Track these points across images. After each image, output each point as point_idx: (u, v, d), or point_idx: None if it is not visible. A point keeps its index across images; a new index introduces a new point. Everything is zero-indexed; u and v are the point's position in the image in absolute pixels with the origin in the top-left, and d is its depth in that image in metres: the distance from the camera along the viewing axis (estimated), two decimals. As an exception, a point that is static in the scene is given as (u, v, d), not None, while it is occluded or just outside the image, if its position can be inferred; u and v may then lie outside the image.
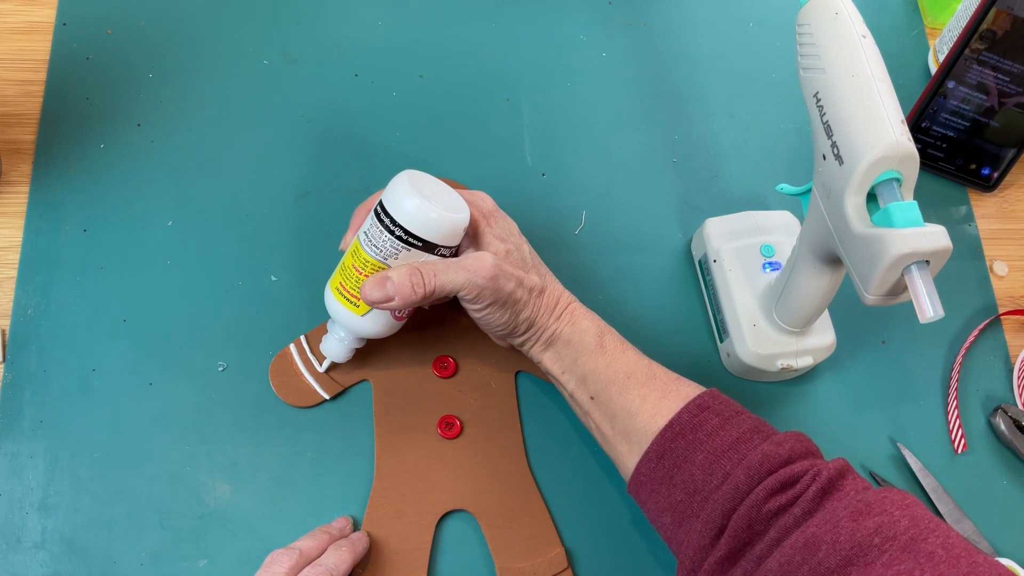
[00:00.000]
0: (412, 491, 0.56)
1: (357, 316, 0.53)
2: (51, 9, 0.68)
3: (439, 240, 0.51)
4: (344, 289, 0.53)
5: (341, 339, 0.56)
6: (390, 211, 0.51)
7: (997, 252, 0.70)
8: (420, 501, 0.56)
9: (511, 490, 0.57)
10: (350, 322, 0.54)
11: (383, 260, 0.51)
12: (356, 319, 0.54)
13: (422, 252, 0.51)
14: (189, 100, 0.66)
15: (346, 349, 0.56)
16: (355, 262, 0.52)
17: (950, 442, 0.63)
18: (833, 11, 0.47)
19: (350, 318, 0.54)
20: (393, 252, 0.51)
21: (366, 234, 0.52)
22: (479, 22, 0.73)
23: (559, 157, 0.68)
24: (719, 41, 0.75)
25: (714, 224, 0.63)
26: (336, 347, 0.56)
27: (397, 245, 0.51)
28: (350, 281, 0.53)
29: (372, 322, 0.54)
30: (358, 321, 0.54)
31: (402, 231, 0.50)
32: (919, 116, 0.70)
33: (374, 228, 0.51)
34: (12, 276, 0.59)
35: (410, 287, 0.50)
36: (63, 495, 0.54)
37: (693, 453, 0.48)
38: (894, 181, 0.45)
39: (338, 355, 0.57)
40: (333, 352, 0.57)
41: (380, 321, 0.54)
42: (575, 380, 0.54)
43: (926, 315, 0.42)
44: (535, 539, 0.56)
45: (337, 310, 0.54)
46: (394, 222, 0.50)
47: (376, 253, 0.51)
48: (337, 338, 0.56)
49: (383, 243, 0.51)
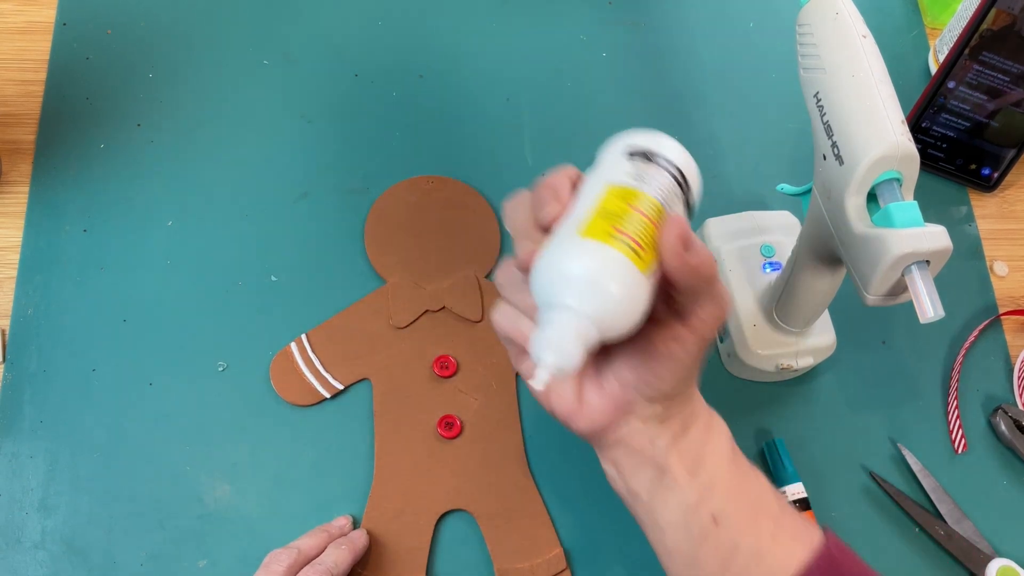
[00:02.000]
0: (412, 490, 0.56)
1: (639, 273, 0.35)
2: (51, 9, 0.68)
3: (696, 195, 0.41)
4: (623, 234, 0.35)
5: (580, 331, 0.34)
6: (659, 151, 0.40)
7: (997, 252, 0.70)
8: (419, 501, 0.56)
9: (511, 490, 0.57)
10: (622, 285, 0.34)
11: (668, 208, 0.38)
12: (634, 279, 0.35)
13: (683, 207, 0.40)
14: (189, 100, 0.66)
15: (583, 345, 0.34)
16: (637, 204, 0.36)
17: (950, 442, 0.63)
18: (833, 11, 0.47)
19: (627, 276, 0.34)
20: (672, 199, 0.38)
21: (639, 174, 0.38)
22: (479, 22, 0.73)
23: (559, 157, 0.68)
24: (719, 41, 0.75)
25: (714, 224, 0.63)
26: (571, 343, 0.34)
27: (676, 191, 0.39)
28: (633, 226, 0.36)
29: (643, 292, 0.35)
30: (633, 284, 0.35)
31: (679, 173, 0.39)
32: (919, 116, 0.70)
33: (649, 169, 0.39)
34: (12, 276, 0.59)
35: (707, 254, 0.36)
36: (63, 495, 0.54)
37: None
38: (894, 181, 0.45)
39: (572, 356, 0.34)
40: (566, 351, 0.34)
41: (647, 297, 0.36)
42: (700, 488, 0.40)
43: (926, 315, 0.42)
44: (534, 539, 0.56)
45: (602, 266, 0.34)
46: (670, 162, 0.39)
47: (661, 196, 0.38)
48: (573, 329, 0.34)
49: (664, 185, 0.38)
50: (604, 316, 0.35)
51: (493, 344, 0.60)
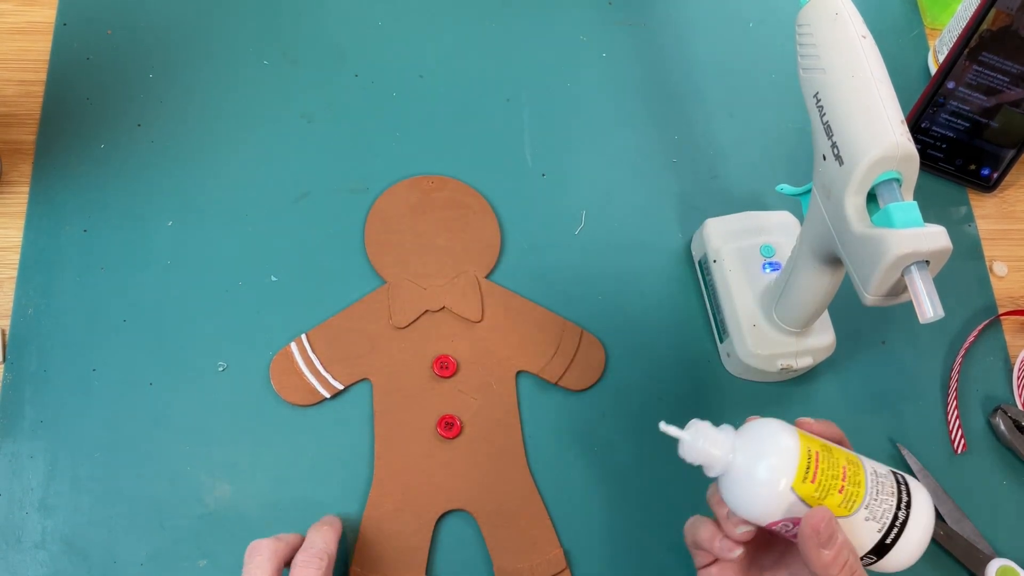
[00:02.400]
0: (411, 490, 0.56)
1: (783, 483, 0.42)
2: (51, 9, 0.68)
3: (895, 567, 0.44)
4: (816, 465, 0.42)
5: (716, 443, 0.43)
6: (916, 496, 0.43)
7: (997, 252, 0.70)
8: (419, 500, 0.56)
9: (510, 490, 0.57)
10: (762, 476, 0.42)
11: (864, 504, 0.42)
12: (780, 483, 0.42)
13: (868, 554, 0.43)
14: (189, 100, 0.66)
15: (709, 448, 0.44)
16: (848, 466, 0.43)
17: (950, 442, 0.63)
18: (833, 11, 0.47)
19: (775, 478, 0.42)
20: (875, 517, 0.43)
21: (875, 482, 0.43)
22: (479, 22, 0.73)
23: (559, 157, 0.69)
24: (719, 41, 0.75)
25: (714, 224, 0.63)
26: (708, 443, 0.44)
27: (889, 514, 0.43)
28: (828, 469, 0.43)
29: (764, 496, 0.42)
30: (773, 482, 0.42)
31: (903, 521, 0.43)
32: (919, 116, 0.70)
33: (884, 488, 0.43)
34: (12, 276, 0.59)
35: (841, 558, 0.41)
36: (63, 495, 0.54)
37: None
38: (894, 181, 0.45)
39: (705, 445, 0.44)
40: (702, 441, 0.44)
41: (768, 508, 0.43)
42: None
43: (926, 315, 0.42)
44: (533, 539, 0.56)
45: (777, 456, 0.42)
46: (909, 506, 0.43)
47: (869, 494, 0.43)
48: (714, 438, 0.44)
49: (883, 503, 0.43)
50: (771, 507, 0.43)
51: (493, 344, 0.60)
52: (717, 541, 0.45)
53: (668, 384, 0.62)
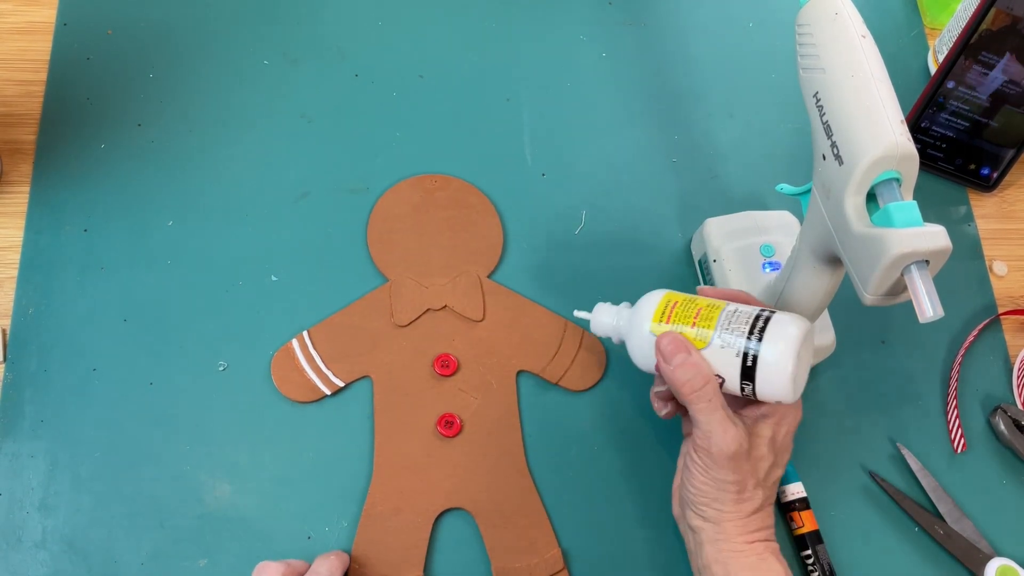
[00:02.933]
0: (410, 489, 0.56)
1: (646, 327, 0.52)
2: (51, 9, 0.68)
3: (777, 396, 0.49)
4: (672, 309, 0.51)
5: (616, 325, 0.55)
6: (775, 319, 0.49)
7: (996, 252, 0.70)
8: (418, 499, 0.56)
9: (509, 490, 0.57)
10: (636, 326, 0.52)
11: (716, 333, 0.49)
12: (644, 327, 0.52)
13: (742, 380, 0.49)
14: (189, 100, 0.66)
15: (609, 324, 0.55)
16: (704, 308, 0.51)
17: (950, 442, 0.63)
18: (833, 11, 0.47)
19: (643, 324, 0.52)
20: (726, 346, 0.49)
21: (729, 315, 0.50)
22: (479, 22, 0.73)
23: (559, 157, 0.69)
24: (719, 41, 0.75)
25: (714, 224, 0.63)
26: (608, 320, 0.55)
27: (742, 338, 0.48)
28: (684, 310, 0.51)
29: (642, 345, 0.52)
30: (641, 328, 0.52)
31: (759, 334, 0.48)
32: (919, 116, 0.70)
33: (739, 319, 0.49)
34: (13, 276, 0.59)
35: (684, 374, 0.48)
36: (63, 495, 0.54)
37: None
38: (894, 181, 0.45)
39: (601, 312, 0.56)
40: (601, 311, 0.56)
41: (646, 352, 0.52)
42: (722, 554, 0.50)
43: (926, 315, 0.42)
44: (532, 539, 0.56)
45: (646, 311, 0.52)
46: (764, 328, 0.48)
47: (721, 325, 0.49)
48: (615, 320, 0.55)
49: (735, 330, 0.49)
50: (622, 332, 0.55)
51: (494, 343, 0.60)
52: (655, 403, 0.54)
53: (668, 384, 0.62)
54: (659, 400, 0.54)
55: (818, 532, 0.58)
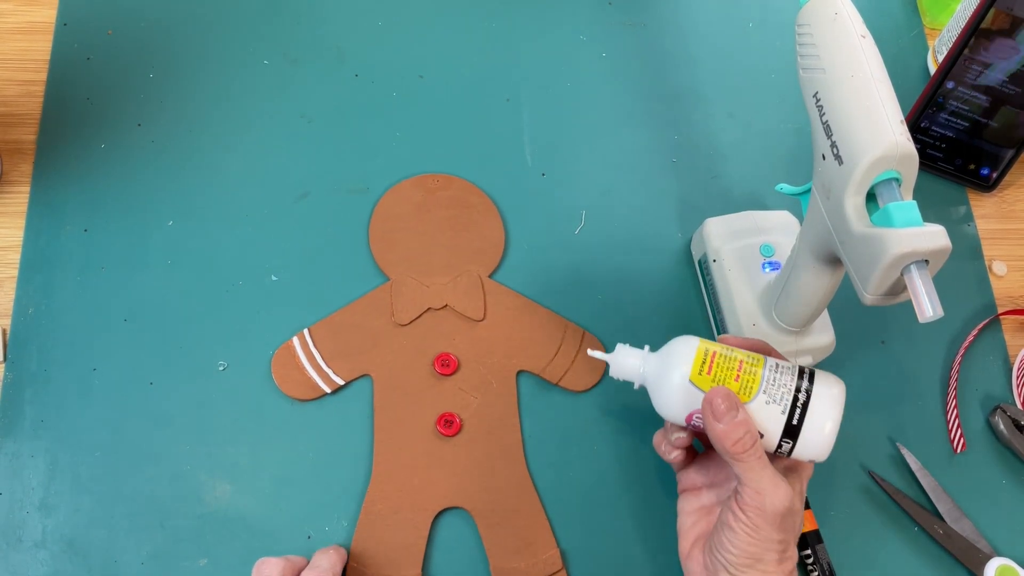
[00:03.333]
0: (409, 487, 0.56)
1: (683, 377, 0.49)
2: (51, 9, 0.68)
3: (812, 455, 0.48)
4: (712, 360, 0.49)
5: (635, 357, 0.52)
6: (819, 380, 0.48)
7: (996, 252, 0.70)
8: (417, 497, 0.56)
9: (508, 489, 0.57)
10: (667, 374, 0.49)
11: (762, 389, 0.48)
12: (678, 376, 0.49)
13: (783, 438, 0.48)
14: (189, 100, 0.66)
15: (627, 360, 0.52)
16: (745, 361, 0.49)
17: (949, 442, 0.63)
18: (833, 11, 0.47)
19: (676, 373, 0.49)
20: (772, 403, 0.47)
21: (773, 371, 0.48)
22: (479, 22, 0.73)
23: (559, 157, 0.69)
24: (719, 41, 0.75)
25: (714, 224, 0.63)
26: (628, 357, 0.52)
27: (789, 396, 0.47)
28: (725, 363, 0.49)
29: (674, 395, 0.49)
30: (672, 376, 0.49)
31: (805, 401, 0.47)
32: (918, 116, 0.70)
33: (784, 377, 0.48)
34: (13, 276, 0.59)
35: (736, 433, 0.46)
36: (63, 495, 0.54)
37: None
38: (893, 181, 0.45)
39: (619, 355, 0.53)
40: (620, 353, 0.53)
41: (678, 401, 0.49)
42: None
43: (925, 315, 0.42)
44: (530, 539, 0.56)
45: (680, 359, 0.49)
46: (811, 389, 0.47)
47: (766, 380, 0.48)
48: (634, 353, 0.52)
49: (781, 387, 0.48)
50: (647, 380, 0.52)
51: (494, 343, 0.60)
52: (663, 445, 0.53)
53: (668, 384, 0.62)
54: (669, 445, 0.52)
55: (818, 532, 0.58)
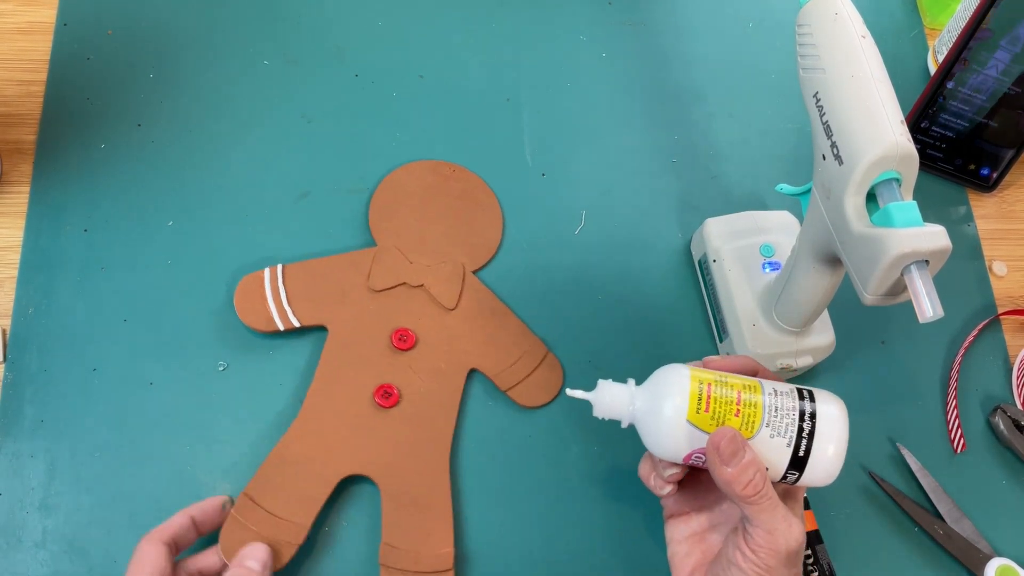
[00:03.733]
0: (328, 442, 0.56)
1: (677, 414, 0.45)
2: (51, 9, 0.68)
3: (818, 482, 0.46)
4: (709, 394, 0.45)
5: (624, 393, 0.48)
6: (821, 404, 0.46)
7: (996, 252, 0.70)
8: (332, 454, 0.55)
9: (424, 476, 0.56)
10: (660, 412, 0.46)
11: (764, 422, 0.45)
12: (673, 414, 0.45)
13: (789, 470, 0.45)
14: (189, 100, 0.66)
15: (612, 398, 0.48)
16: (743, 391, 0.45)
17: (949, 442, 0.63)
18: (833, 11, 0.47)
19: (670, 410, 0.45)
20: (776, 435, 0.45)
21: (774, 400, 0.46)
22: (479, 22, 0.73)
23: (559, 157, 0.69)
24: (719, 41, 0.75)
25: (714, 224, 0.63)
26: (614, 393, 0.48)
27: (793, 427, 0.45)
28: (723, 396, 0.45)
29: (670, 434, 0.46)
30: (666, 415, 0.45)
31: (810, 431, 0.45)
32: (918, 116, 0.70)
33: (785, 404, 0.45)
34: (13, 276, 0.59)
35: (745, 476, 0.43)
36: (63, 495, 0.54)
37: None
38: (894, 181, 0.45)
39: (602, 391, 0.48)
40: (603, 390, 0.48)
41: (675, 441, 0.46)
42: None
43: (926, 315, 0.42)
44: (429, 530, 0.54)
45: (673, 395, 0.46)
46: (814, 415, 0.45)
47: (768, 411, 0.45)
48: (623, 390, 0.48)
49: (784, 416, 0.45)
50: (636, 419, 0.47)
51: (457, 334, 0.60)
52: (652, 479, 0.49)
53: (668, 384, 0.62)
54: (660, 479, 0.49)
55: (818, 532, 0.58)
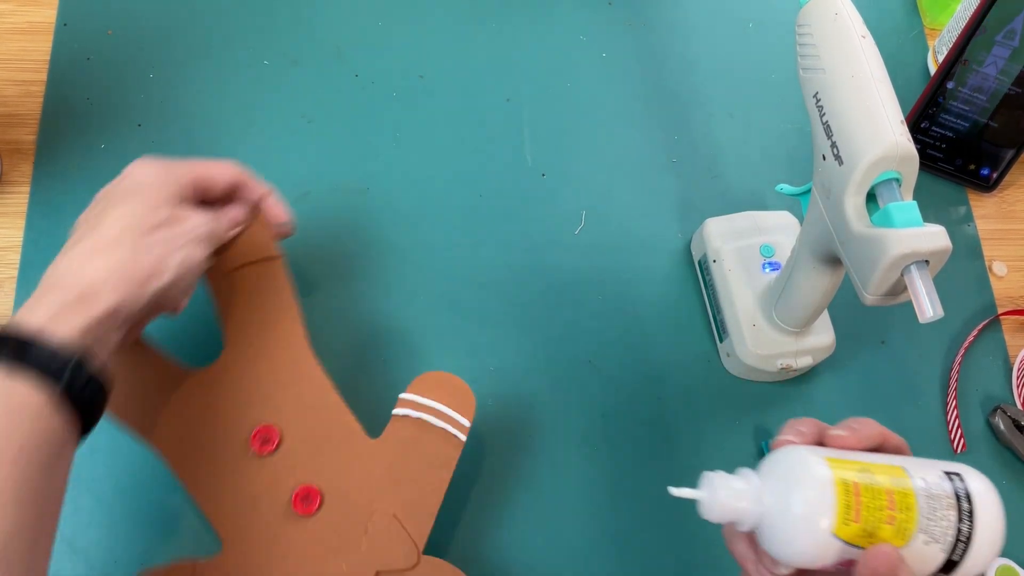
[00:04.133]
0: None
1: (820, 524, 0.37)
2: (51, 9, 0.68)
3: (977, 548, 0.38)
4: (858, 499, 0.37)
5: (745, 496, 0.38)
6: (976, 500, 0.38)
7: (996, 252, 0.70)
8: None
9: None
10: (800, 526, 0.37)
11: (920, 528, 0.37)
12: (814, 523, 0.37)
13: (938, 573, 0.38)
14: (189, 100, 0.66)
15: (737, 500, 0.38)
16: (893, 489, 0.38)
17: (949, 442, 0.63)
18: (833, 11, 0.47)
19: (808, 517, 0.37)
20: (935, 538, 0.38)
21: (929, 500, 0.38)
22: (479, 22, 0.73)
23: (559, 157, 0.69)
24: (719, 41, 0.75)
25: (714, 224, 0.63)
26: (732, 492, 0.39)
27: (951, 531, 0.38)
28: (872, 500, 0.37)
29: (812, 544, 0.37)
30: (805, 522, 0.37)
31: (968, 527, 0.38)
32: (919, 116, 0.70)
33: (941, 504, 0.38)
34: (13, 276, 0.59)
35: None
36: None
37: None
38: (894, 181, 0.45)
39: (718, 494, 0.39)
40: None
41: (811, 555, 0.37)
42: None
43: (926, 315, 0.42)
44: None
45: (813, 501, 0.37)
46: (971, 514, 0.38)
47: (923, 514, 0.37)
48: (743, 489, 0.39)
49: (941, 519, 0.38)
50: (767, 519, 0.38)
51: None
52: (752, 568, 0.41)
53: (668, 384, 0.62)
54: (768, 572, 0.40)
55: (818, 532, 0.58)
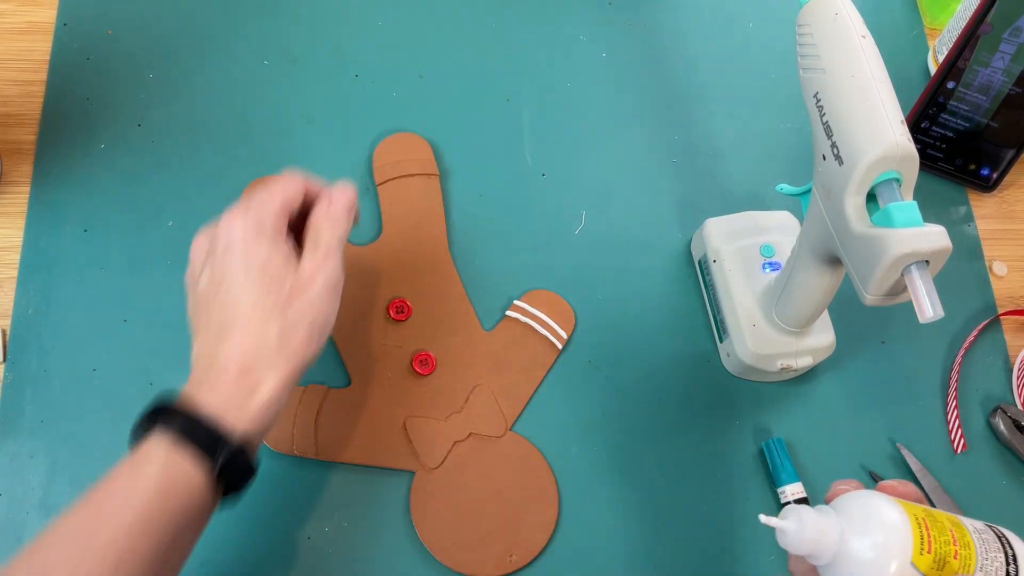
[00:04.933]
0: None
1: (903, 565, 0.38)
2: (51, 9, 0.68)
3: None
4: (928, 532, 0.39)
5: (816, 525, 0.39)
6: (1016, 545, 0.40)
7: (996, 252, 0.70)
8: None
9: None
10: (877, 560, 0.38)
11: (979, 562, 0.39)
12: (891, 563, 0.38)
13: None
14: (189, 100, 0.66)
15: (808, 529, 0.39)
16: (953, 528, 0.40)
17: (949, 442, 0.63)
18: (833, 11, 0.47)
19: (892, 556, 0.38)
20: (991, 569, 0.39)
21: (983, 541, 0.40)
22: (479, 22, 0.73)
23: (559, 157, 0.69)
24: (719, 41, 0.75)
25: (714, 224, 0.63)
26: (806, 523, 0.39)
27: (1002, 572, 0.39)
28: (939, 534, 0.39)
29: None
30: (890, 565, 0.38)
31: (1015, 570, 0.39)
32: (919, 116, 0.70)
33: (991, 546, 0.40)
34: (13, 276, 0.59)
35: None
36: (64, 495, 0.54)
37: None
38: (894, 181, 0.45)
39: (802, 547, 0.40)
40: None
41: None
42: None
43: (926, 315, 0.42)
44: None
45: (892, 535, 0.39)
46: (1016, 559, 0.40)
47: (980, 553, 0.39)
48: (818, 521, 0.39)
49: (995, 560, 0.39)
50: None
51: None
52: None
53: (668, 384, 0.62)
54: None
55: (818, 532, 0.58)
